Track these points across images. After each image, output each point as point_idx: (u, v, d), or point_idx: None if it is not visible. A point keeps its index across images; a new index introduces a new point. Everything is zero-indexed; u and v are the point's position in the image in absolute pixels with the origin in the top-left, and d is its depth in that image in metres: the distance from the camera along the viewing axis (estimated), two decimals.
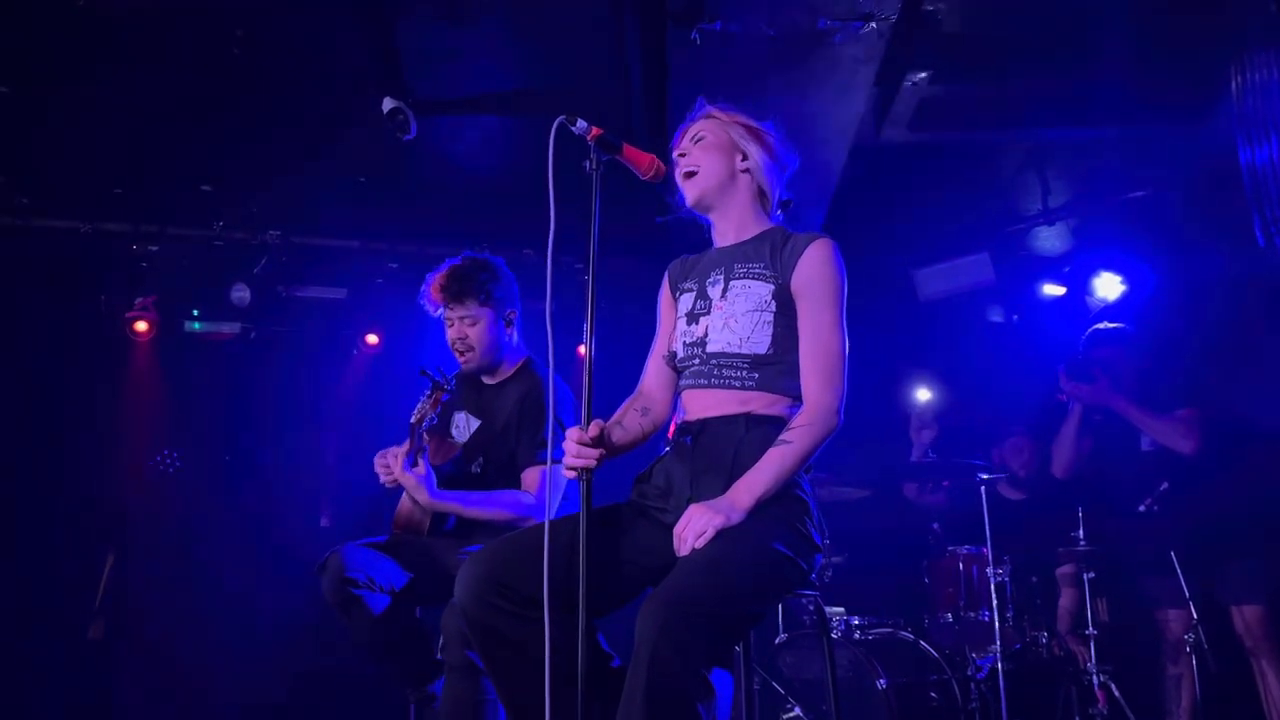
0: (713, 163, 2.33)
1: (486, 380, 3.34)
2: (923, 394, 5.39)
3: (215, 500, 5.62)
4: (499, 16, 3.84)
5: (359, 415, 5.72)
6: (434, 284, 3.24)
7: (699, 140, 2.36)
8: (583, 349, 2.11)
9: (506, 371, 3.30)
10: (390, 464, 3.06)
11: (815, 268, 2.23)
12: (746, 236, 2.36)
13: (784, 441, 2.12)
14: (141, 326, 5.64)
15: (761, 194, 2.40)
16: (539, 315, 2.18)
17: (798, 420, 2.15)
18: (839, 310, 2.22)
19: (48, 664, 5.06)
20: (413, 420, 3.08)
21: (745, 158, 2.36)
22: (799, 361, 2.21)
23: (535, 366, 3.30)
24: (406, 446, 3.06)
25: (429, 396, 3.09)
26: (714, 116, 2.39)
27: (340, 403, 5.91)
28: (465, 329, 3.20)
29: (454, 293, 3.19)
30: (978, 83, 4.23)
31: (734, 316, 2.24)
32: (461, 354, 3.23)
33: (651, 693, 1.80)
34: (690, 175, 2.34)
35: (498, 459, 3.21)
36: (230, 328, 5.84)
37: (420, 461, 3.05)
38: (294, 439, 5.81)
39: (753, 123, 2.39)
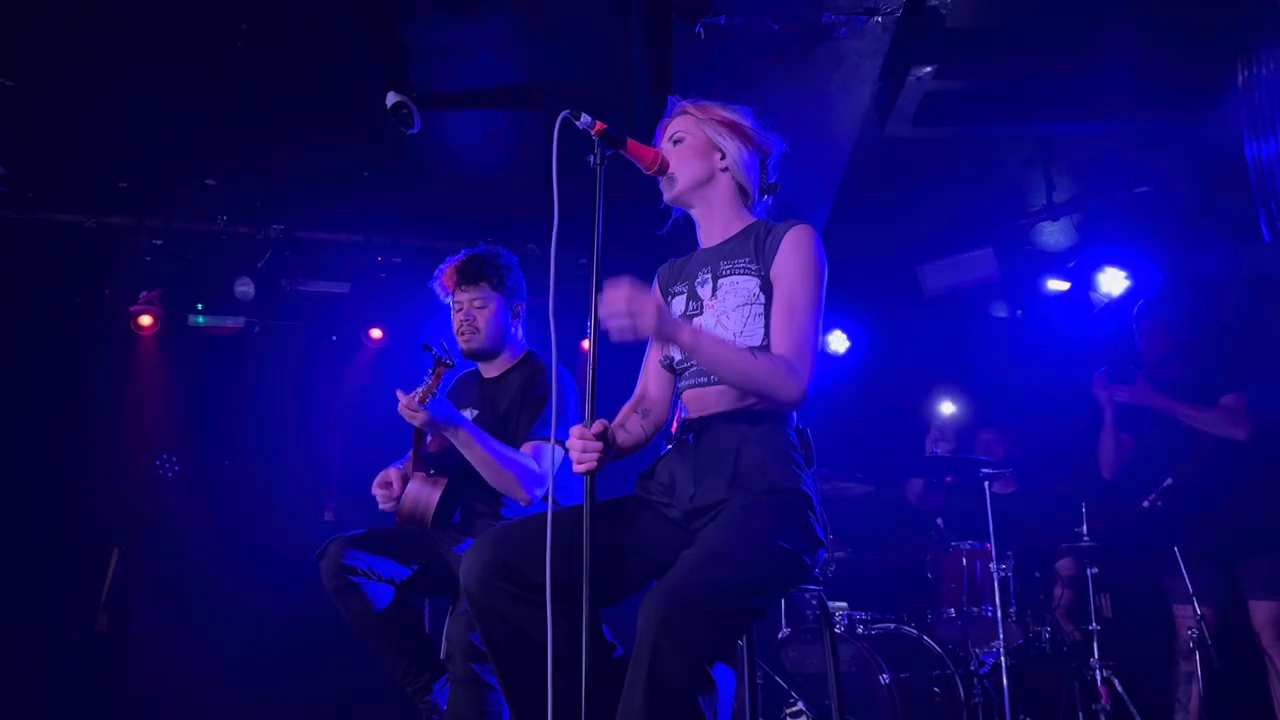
0: (690, 166, 2.32)
1: (487, 374, 3.34)
2: (947, 407, 5.18)
3: (219, 493, 5.63)
4: (503, 10, 3.83)
5: (363, 409, 5.72)
6: (450, 266, 3.28)
7: (677, 141, 2.36)
8: (586, 343, 2.11)
9: (507, 363, 3.31)
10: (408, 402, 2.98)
11: (791, 251, 2.22)
12: (731, 233, 2.35)
13: (754, 350, 2.12)
14: (145, 320, 5.65)
15: (741, 189, 2.38)
16: (542, 310, 2.19)
17: (776, 360, 2.12)
18: (815, 292, 2.20)
19: (55, 657, 5.07)
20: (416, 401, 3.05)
21: (723, 156, 2.35)
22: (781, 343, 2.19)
23: (538, 357, 3.31)
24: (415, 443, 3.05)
25: (432, 374, 3.02)
26: (689, 113, 2.38)
27: (344, 396, 5.91)
28: (474, 311, 3.22)
29: (470, 274, 3.23)
30: (982, 77, 4.21)
31: (725, 313, 2.25)
32: (466, 336, 3.23)
33: (653, 686, 1.80)
34: (668, 177, 2.33)
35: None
36: (234, 322, 5.84)
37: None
38: (298, 432, 5.81)
39: (728, 114, 2.37)
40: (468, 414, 3.31)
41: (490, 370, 3.34)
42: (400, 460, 3.25)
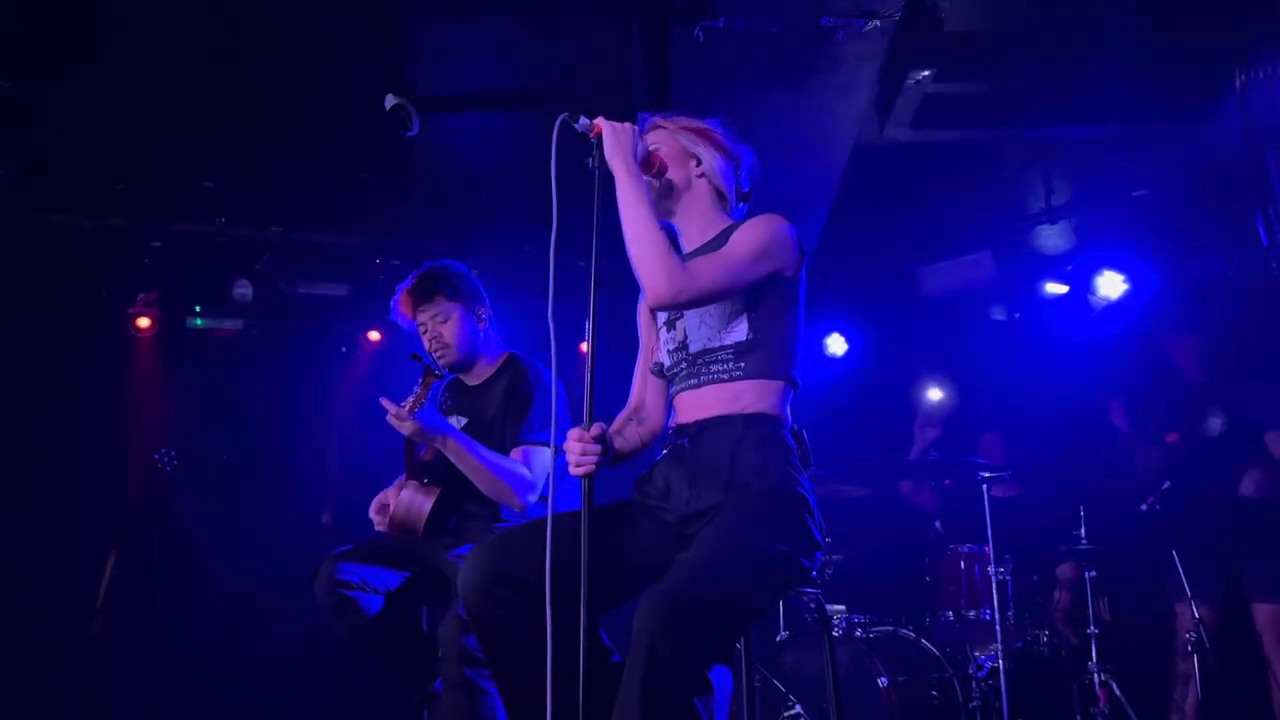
0: (669, 174, 2.34)
1: (470, 381, 3.33)
2: (934, 393, 5.43)
3: (217, 496, 5.61)
4: (502, 13, 3.84)
5: (360, 412, 5.71)
6: (402, 292, 3.29)
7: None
8: (584, 346, 2.11)
9: (487, 369, 3.31)
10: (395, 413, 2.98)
11: (742, 229, 2.24)
12: (709, 238, 2.36)
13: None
14: (144, 322, 5.64)
15: (719, 195, 2.40)
16: (541, 313, 2.18)
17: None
18: (746, 252, 2.17)
19: (50, 661, 5.06)
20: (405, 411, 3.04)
21: (699, 163, 2.37)
22: (774, 340, 2.21)
23: (519, 360, 3.29)
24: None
25: (421, 383, 3.01)
26: (660, 127, 2.40)
27: (342, 399, 5.91)
28: (438, 327, 3.22)
29: (422, 292, 3.24)
30: (980, 81, 4.23)
31: (707, 311, 2.25)
32: (439, 353, 3.23)
33: (650, 687, 1.80)
34: (651, 185, 2.32)
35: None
36: (232, 324, 5.84)
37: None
38: (295, 435, 5.80)
39: (698, 124, 2.40)
40: (456, 421, 3.30)
41: (473, 378, 3.33)
42: (400, 477, 3.25)
